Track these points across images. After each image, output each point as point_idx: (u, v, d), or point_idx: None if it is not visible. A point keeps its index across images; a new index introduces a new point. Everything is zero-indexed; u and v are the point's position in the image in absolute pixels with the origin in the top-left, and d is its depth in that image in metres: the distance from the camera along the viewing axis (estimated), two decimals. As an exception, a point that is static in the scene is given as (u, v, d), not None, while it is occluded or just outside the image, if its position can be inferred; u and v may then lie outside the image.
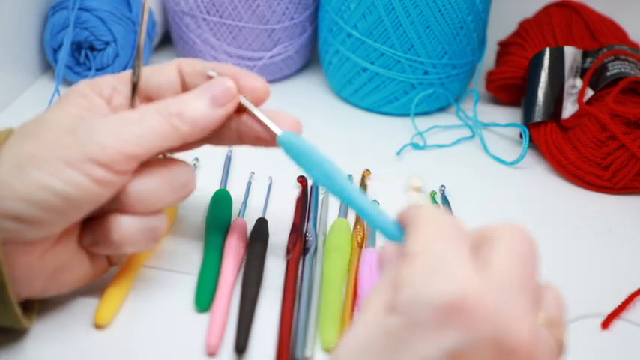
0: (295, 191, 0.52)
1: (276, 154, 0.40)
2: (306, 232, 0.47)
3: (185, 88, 0.40)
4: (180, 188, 0.39)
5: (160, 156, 0.41)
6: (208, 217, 0.47)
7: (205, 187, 0.51)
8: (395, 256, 0.31)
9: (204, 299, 0.41)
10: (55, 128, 0.35)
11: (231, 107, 0.39)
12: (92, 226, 0.37)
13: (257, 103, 0.40)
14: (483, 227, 0.30)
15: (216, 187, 0.51)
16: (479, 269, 0.27)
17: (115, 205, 0.37)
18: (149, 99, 0.40)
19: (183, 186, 0.39)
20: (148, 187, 0.37)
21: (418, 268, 0.27)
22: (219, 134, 0.40)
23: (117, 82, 0.39)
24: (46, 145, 0.34)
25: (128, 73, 0.40)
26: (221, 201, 0.49)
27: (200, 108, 0.37)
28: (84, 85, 0.38)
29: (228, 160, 0.55)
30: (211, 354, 0.38)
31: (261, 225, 0.47)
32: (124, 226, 0.37)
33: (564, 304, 0.31)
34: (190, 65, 0.41)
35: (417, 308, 0.26)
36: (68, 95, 0.38)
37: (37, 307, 0.39)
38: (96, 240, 0.38)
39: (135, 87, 0.39)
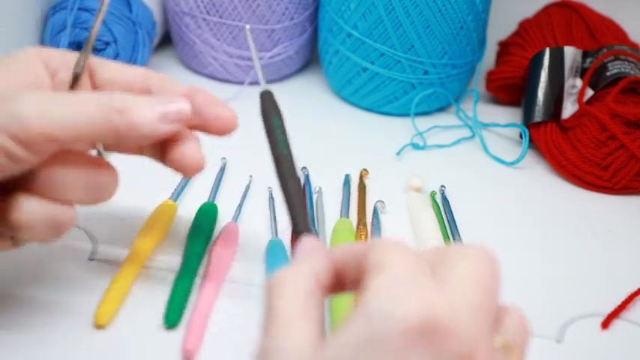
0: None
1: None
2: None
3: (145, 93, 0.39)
4: (96, 190, 0.36)
5: (95, 152, 0.39)
6: (190, 231, 0.46)
7: (205, 188, 0.52)
8: (311, 250, 0.31)
9: (173, 316, 0.40)
10: None
11: (176, 128, 0.37)
12: None
13: (222, 132, 0.39)
14: (441, 248, 0.30)
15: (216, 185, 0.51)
16: (437, 288, 0.27)
17: (24, 182, 0.34)
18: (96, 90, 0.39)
19: (101, 189, 0.36)
20: (61, 176, 0.35)
21: (384, 284, 0.26)
22: (150, 148, 0.39)
23: (70, 57, 0.37)
24: None
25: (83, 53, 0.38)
26: (205, 215, 0.48)
27: (147, 116, 0.35)
28: (32, 51, 0.37)
29: (221, 171, 0.54)
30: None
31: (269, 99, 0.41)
32: (26, 208, 0.34)
33: (527, 328, 0.30)
34: (160, 80, 0.39)
35: (383, 326, 0.25)
36: (11, 58, 0.36)
37: None
38: None
39: (76, 78, 0.37)
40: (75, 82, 0.37)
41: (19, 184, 0.34)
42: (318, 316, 0.28)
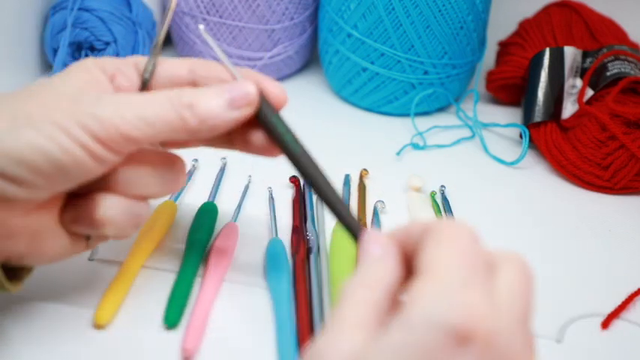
0: (287, 192, 0.52)
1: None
2: (307, 231, 0.47)
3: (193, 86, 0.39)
4: (170, 182, 0.38)
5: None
6: (190, 231, 0.46)
7: (206, 188, 0.52)
8: (380, 251, 0.30)
9: (173, 316, 0.40)
10: (58, 92, 0.34)
11: (246, 113, 0.36)
12: (76, 201, 0.37)
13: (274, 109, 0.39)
14: (493, 251, 0.30)
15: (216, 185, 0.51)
16: (485, 297, 0.27)
17: (103, 183, 0.36)
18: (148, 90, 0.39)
19: (174, 180, 0.39)
20: (139, 173, 0.36)
21: (431, 290, 0.27)
22: (222, 138, 0.39)
23: (121, 64, 0.38)
24: (45, 106, 0.33)
25: (132, 58, 0.39)
26: (205, 215, 0.48)
27: (215, 106, 0.35)
28: (88, 61, 0.37)
29: (221, 171, 0.54)
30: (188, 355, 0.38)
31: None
32: (108, 205, 0.36)
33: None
34: (206, 69, 0.39)
35: (424, 335, 0.25)
36: (72, 68, 0.37)
37: (25, 276, 0.38)
38: (78, 216, 0.36)
39: (146, 83, 0.38)
40: (144, 87, 0.38)
41: (98, 184, 0.36)
42: (381, 322, 0.28)
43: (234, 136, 0.39)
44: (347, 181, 0.54)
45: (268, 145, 0.38)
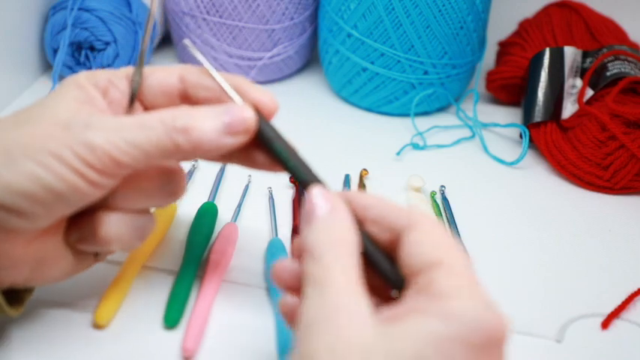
0: (287, 192, 0.52)
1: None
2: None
3: (185, 98, 0.38)
4: (171, 192, 0.38)
5: None
6: (190, 232, 0.46)
7: (205, 188, 0.52)
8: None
9: (173, 316, 0.40)
10: (50, 118, 0.34)
11: (243, 140, 0.35)
12: (79, 222, 0.37)
13: (265, 118, 0.37)
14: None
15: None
16: None
17: (104, 201, 0.36)
18: (140, 102, 0.38)
19: (175, 190, 0.38)
20: (139, 188, 0.36)
21: (458, 285, 0.28)
22: (220, 155, 0.38)
23: (113, 76, 0.38)
24: (39, 135, 0.33)
25: (125, 69, 0.38)
26: (204, 215, 0.48)
27: (209, 131, 0.34)
28: (81, 76, 0.37)
29: (221, 171, 0.54)
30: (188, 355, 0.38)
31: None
32: (112, 223, 0.36)
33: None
34: (196, 76, 0.37)
35: (470, 331, 0.27)
36: (65, 85, 0.36)
37: (27, 297, 0.38)
38: (83, 236, 0.37)
39: (134, 94, 0.37)
40: (133, 99, 0.37)
41: (100, 202, 0.36)
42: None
43: (232, 154, 0.38)
44: (347, 181, 0.54)
45: (269, 163, 0.37)
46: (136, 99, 0.37)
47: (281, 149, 0.35)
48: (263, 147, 0.36)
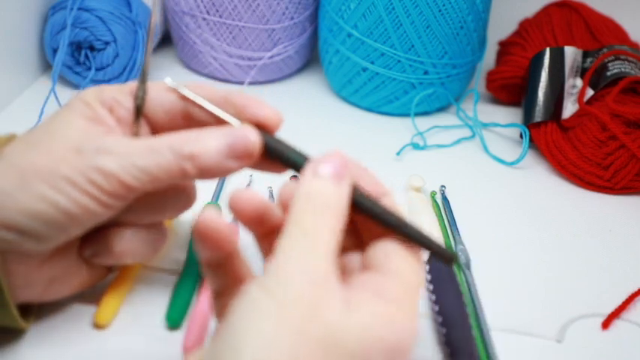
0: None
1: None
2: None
3: (186, 115, 0.38)
4: (182, 204, 0.40)
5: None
6: (192, 232, 0.46)
7: (208, 188, 0.52)
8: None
9: (176, 317, 0.40)
10: (62, 141, 0.34)
11: (248, 163, 0.35)
12: (93, 238, 0.38)
13: (268, 132, 0.37)
14: None
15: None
16: None
17: (117, 218, 0.37)
18: (144, 117, 0.38)
19: (186, 202, 0.40)
20: (150, 203, 0.37)
21: (403, 295, 0.31)
22: None
23: (118, 93, 0.37)
24: (51, 159, 0.33)
25: (129, 85, 0.38)
26: None
27: (214, 154, 0.34)
28: (87, 94, 0.37)
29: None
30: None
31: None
32: (125, 239, 0.37)
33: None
34: (196, 92, 0.37)
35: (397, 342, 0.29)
36: (73, 103, 0.37)
37: (36, 309, 0.39)
38: (97, 252, 0.38)
39: (139, 110, 0.37)
40: (138, 114, 0.37)
41: (114, 219, 0.36)
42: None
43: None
44: (347, 181, 0.54)
45: (274, 167, 0.37)
46: (141, 116, 0.37)
47: (291, 159, 0.36)
48: (273, 157, 0.36)
